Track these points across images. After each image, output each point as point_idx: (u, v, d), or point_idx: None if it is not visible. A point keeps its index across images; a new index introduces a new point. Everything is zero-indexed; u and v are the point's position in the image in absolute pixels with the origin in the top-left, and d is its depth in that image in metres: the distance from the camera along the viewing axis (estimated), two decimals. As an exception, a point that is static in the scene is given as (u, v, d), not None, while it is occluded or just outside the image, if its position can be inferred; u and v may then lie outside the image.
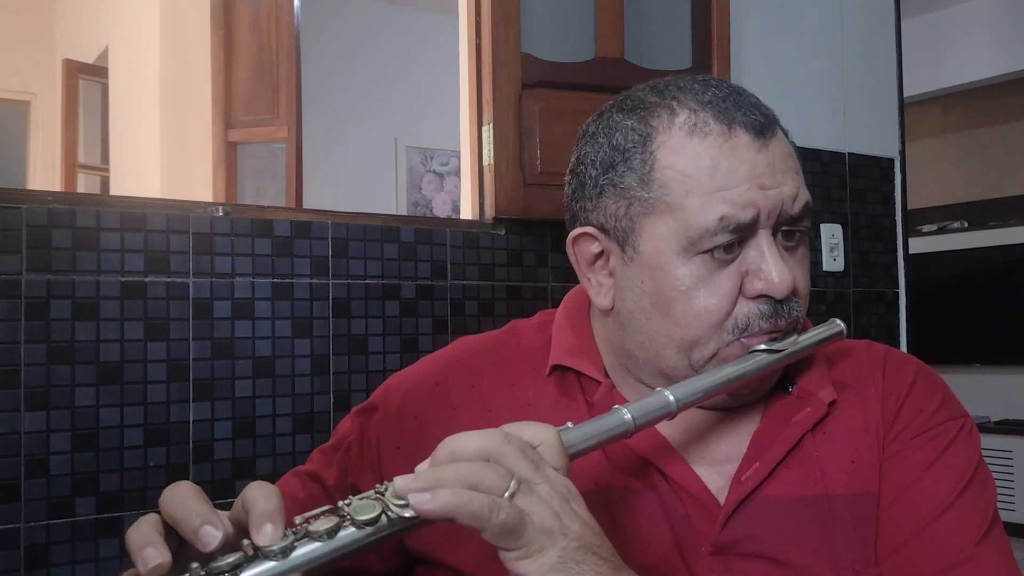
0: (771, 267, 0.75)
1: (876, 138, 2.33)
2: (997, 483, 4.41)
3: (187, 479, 1.47)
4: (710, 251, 0.76)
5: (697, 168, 0.75)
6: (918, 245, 4.21)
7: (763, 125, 0.77)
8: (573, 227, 0.85)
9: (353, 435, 0.89)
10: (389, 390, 0.90)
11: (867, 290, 2.28)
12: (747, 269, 0.77)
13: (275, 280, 1.51)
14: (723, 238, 0.75)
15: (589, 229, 0.82)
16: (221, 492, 1.43)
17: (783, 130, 0.81)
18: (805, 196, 0.78)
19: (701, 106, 0.77)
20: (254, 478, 1.55)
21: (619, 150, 0.79)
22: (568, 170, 0.86)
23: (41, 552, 1.30)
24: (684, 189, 0.76)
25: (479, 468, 0.60)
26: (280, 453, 1.49)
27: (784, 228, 0.78)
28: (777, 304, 0.77)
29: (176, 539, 0.59)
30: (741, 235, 0.76)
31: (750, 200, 0.75)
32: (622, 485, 0.79)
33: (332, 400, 1.55)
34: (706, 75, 0.83)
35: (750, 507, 0.77)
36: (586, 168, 0.82)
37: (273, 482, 0.91)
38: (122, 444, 1.37)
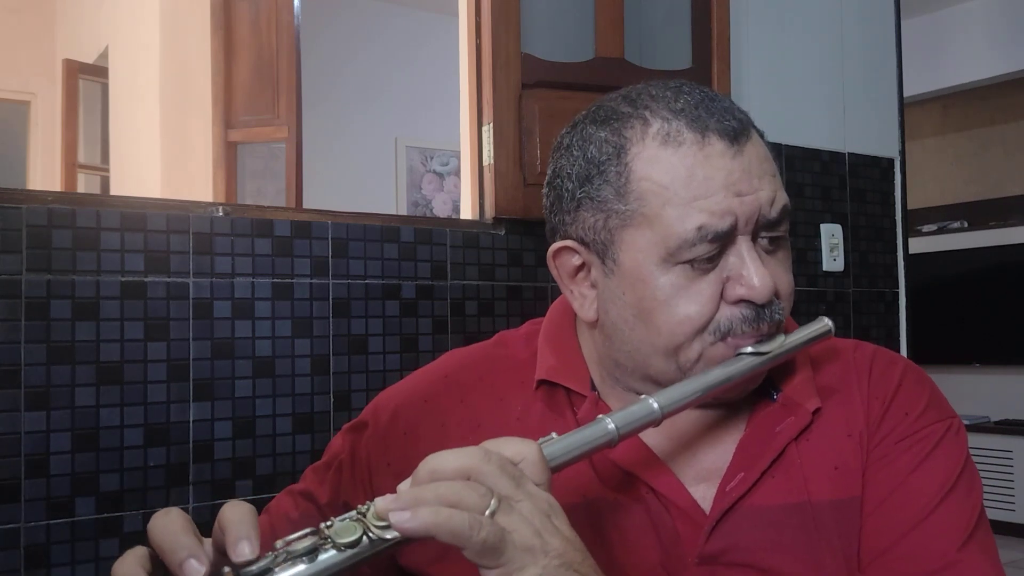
0: (752, 273, 0.75)
1: (876, 138, 2.33)
2: (997, 483, 4.41)
3: (187, 479, 1.48)
4: (690, 261, 0.75)
5: (672, 178, 0.75)
6: (918, 245, 4.21)
7: (737, 131, 0.76)
8: (553, 239, 0.84)
9: (344, 453, 0.90)
10: (379, 407, 0.91)
11: (867, 290, 2.28)
12: (728, 275, 0.76)
13: (275, 280, 1.51)
14: (702, 248, 0.74)
15: (569, 242, 0.82)
16: (221, 492, 1.43)
17: (758, 132, 0.80)
18: (783, 199, 0.78)
19: (674, 114, 0.77)
20: (254, 478, 1.56)
21: (594, 163, 0.79)
22: (545, 182, 0.85)
23: (41, 552, 1.30)
24: (660, 200, 0.75)
25: (459, 487, 0.60)
26: (280, 453, 1.49)
27: (763, 235, 0.78)
28: (759, 308, 0.76)
29: (162, 572, 0.59)
30: (720, 244, 0.75)
31: (727, 208, 0.74)
32: (611, 499, 0.79)
33: (332, 400, 1.55)
34: (679, 81, 0.82)
35: (735, 517, 0.77)
36: (562, 181, 0.82)
37: (272, 484, 0.91)
38: (122, 444, 1.37)
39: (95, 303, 1.36)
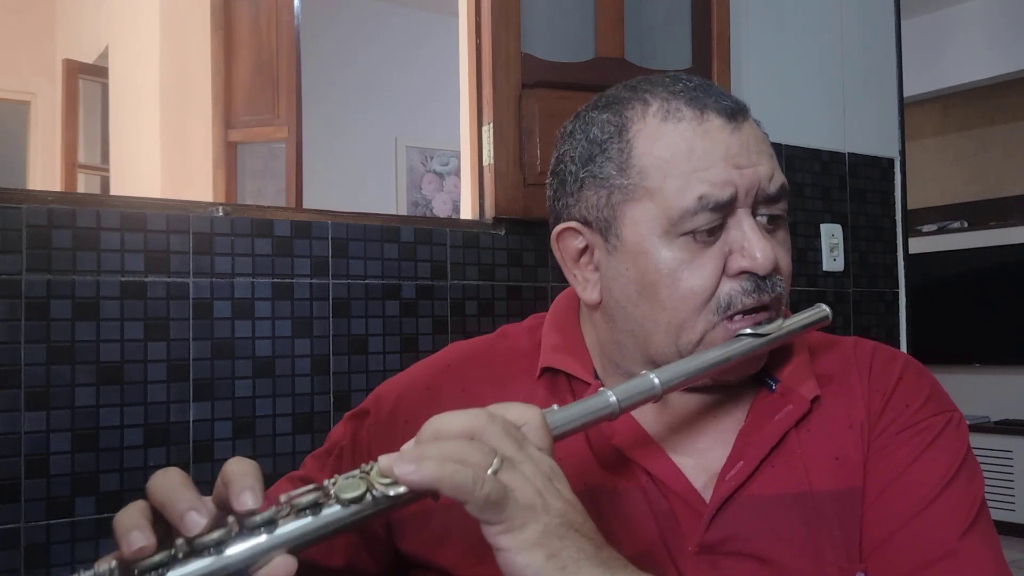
0: (753, 244, 0.77)
1: (876, 138, 2.33)
2: (997, 483, 4.40)
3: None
4: (691, 233, 0.77)
5: (673, 152, 0.77)
6: (918, 245, 4.21)
7: (734, 110, 0.79)
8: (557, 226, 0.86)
9: (345, 440, 0.90)
10: (381, 395, 0.91)
11: (867, 290, 2.28)
12: (729, 249, 0.78)
13: (275, 280, 1.51)
14: (703, 218, 0.76)
15: (572, 224, 0.83)
16: (221, 492, 1.43)
17: (755, 120, 0.82)
18: (781, 178, 0.80)
19: (673, 95, 0.80)
20: (254, 478, 1.54)
21: (596, 143, 0.81)
22: (549, 172, 0.87)
23: (41, 552, 1.30)
24: (662, 173, 0.77)
25: (463, 445, 0.60)
26: (280, 453, 1.49)
27: (763, 211, 0.79)
28: (760, 280, 0.78)
29: (164, 525, 0.59)
30: (721, 215, 0.77)
31: (727, 179, 0.76)
32: (611, 486, 0.79)
33: (332, 400, 1.55)
34: (676, 73, 0.85)
35: (735, 506, 0.77)
36: (566, 166, 0.84)
37: (271, 484, 0.91)
38: (122, 444, 1.37)
39: (95, 303, 1.36)
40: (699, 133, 0.77)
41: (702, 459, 0.81)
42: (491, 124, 1.73)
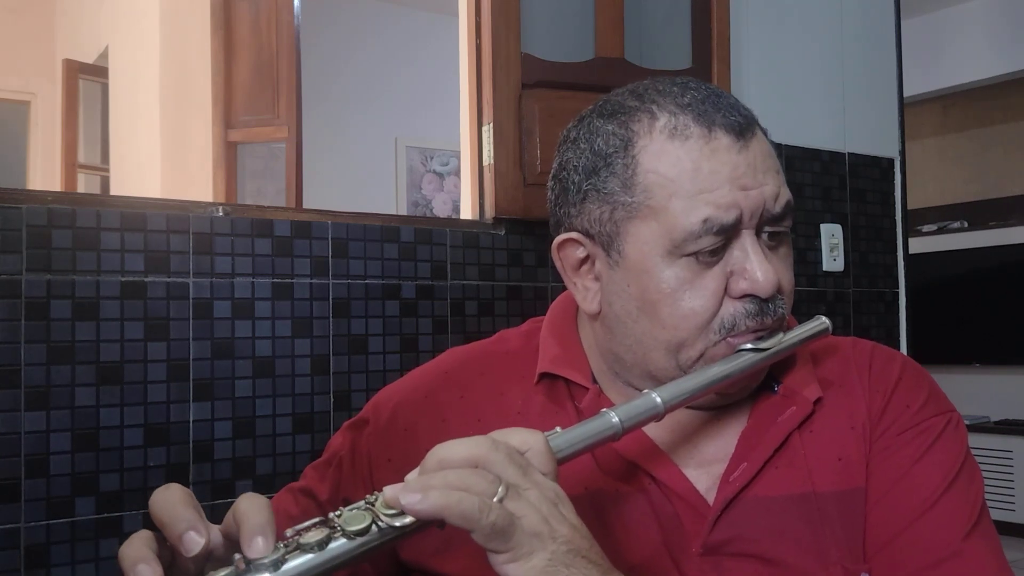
0: (755, 267, 0.76)
1: (876, 138, 2.33)
2: (997, 483, 4.41)
3: (187, 479, 1.48)
4: (694, 254, 0.76)
5: (679, 171, 0.76)
6: (918, 245, 4.21)
7: (742, 126, 0.78)
8: (557, 232, 0.85)
9: (344, 450, 0.90)
10: (379, 403, 0.91)
11: (867, 290, 2.28)
12: (731, 269, 0.77)
13: (275, 280, 1.51)
14: (707, 241, 0.75)
15: (574, 235, 0.83)
16: (221, 492, 1.43)
17: (762, 130, 0.81)
18: (786, 195, 0.79)
19: (681, 109, 0.78)
20: (254, 478, 1.56)
21: (601, 155, 0.80)
22: (551, 175, 0.86)
23: (41, 552, 1.30)
24: (667, 192, 0.76)
25: (467, 474, 0.60)
26: (280, 453, 1.49)
27: (767, 229, 0.78)
28: (763, 303, 0.77)
29: (168, 555, 0.59)
30: (725, 237, 0.76)
31: (732, 201, 0.75)
32: (612, 490, 0.79)
33: (332, 400, 1.55)
34: (685, 77, 0.83)
35: (739, 507, 0.77)
36: (568, 174, 0.83)
37: (272, 484, 0.92)
38: (122, 444, 1.37)
39: (95, 303, 1.36)
40: (706, 153, 0.76)
41: (705, 461, 0.81)
42: (491, 124, 1.73)
